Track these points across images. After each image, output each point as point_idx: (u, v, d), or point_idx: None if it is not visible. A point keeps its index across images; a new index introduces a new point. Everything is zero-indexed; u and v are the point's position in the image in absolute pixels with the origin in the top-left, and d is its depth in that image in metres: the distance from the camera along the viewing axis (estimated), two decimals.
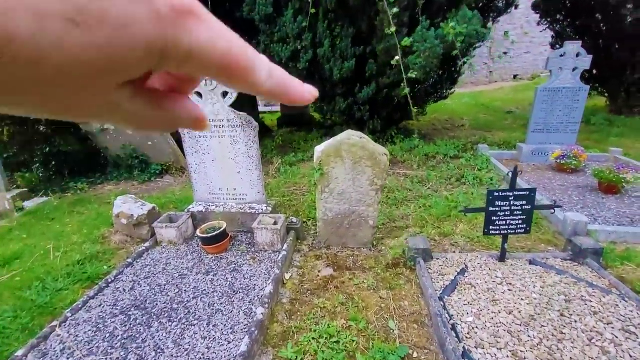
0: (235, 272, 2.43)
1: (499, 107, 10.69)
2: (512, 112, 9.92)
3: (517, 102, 11.06)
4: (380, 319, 2.06)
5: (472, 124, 8.80)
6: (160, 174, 4.70)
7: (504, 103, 11.13)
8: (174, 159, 4.69)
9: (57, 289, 2.33)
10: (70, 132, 4.82)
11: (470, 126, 8.54)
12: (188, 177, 4.71)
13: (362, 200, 2.61)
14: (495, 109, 10.43)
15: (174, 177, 4.75)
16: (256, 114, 9.58)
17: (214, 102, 2.67)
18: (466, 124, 8.77)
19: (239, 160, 2.84)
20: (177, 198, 3.75)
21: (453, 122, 8.96)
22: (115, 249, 2.86)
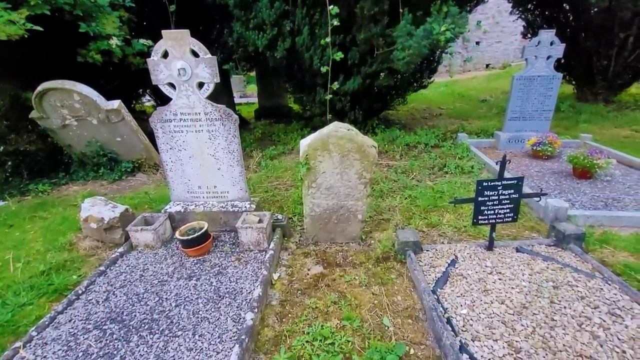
0: (220, 275, 2.29)
1: (474, 95, 10.92)
2: (487, 100, 10.15)
3: (490, 91, 11.34)
4: (374, 316, 2.01)
5: (449, 113, 8.94)
6: (131, 171, 4.40)
7: (478, 92, 11.38)
8: (147, 155, 4.41)
9: (19, 304, 2.10)
10: (27, 128, 4.40)
11: (447, 115, 8.66)
12: (162, 174, 4.45)
13: (350, 194, 2.53)
14: (470, 98, 10.64)
15: (147, 174, 4.47)
16: (232, 105, 9.26)
17: (188, 94, 2.46)
18: (443, 113, 8.89)
19: (219, 156, 2.66)
20: (151, 198, 3.52)
21: (431, 111, 9.05)
22: (85, 255, 2.63)
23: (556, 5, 7.76)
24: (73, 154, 4.27)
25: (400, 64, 4.49)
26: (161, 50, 2.35)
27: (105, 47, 3.77)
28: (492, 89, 11.73)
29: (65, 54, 3.86)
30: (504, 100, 9.93)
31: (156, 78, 2.41)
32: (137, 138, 4.14)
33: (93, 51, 3.77)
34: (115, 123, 3.90)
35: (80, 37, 3.72)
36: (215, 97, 2.52)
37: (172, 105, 2.51)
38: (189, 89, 2.44)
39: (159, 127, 2.57)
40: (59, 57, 3.97)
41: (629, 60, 7.14)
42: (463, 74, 15.55)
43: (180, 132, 2.59)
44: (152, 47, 4.34)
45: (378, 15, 4.41)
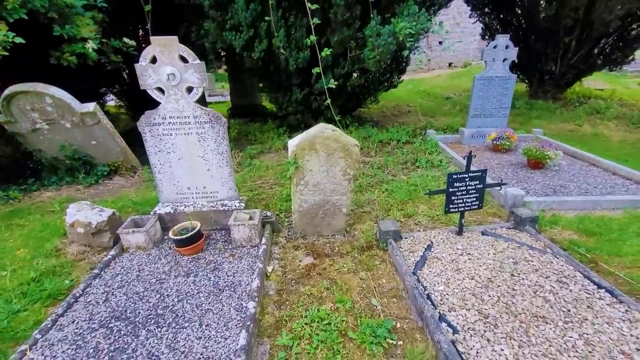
0: (216, 270, 2.41)
1: (439, 93, 11.55)
2: (451, 97, 10.80)
3: (453, 89, 12.05)
4: (364, 297, 2.23)
5: (417, 110, 9.42)
6: (108, 175, 4.32)
7: (442, 89, 12.05)
8: (123, 157, 4.34)
9: (12, 311, 2.09)
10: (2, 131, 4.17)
11: (415, 112, 9.13)
12: (141, 177, 4.41)
13: (335, 189, 2.73)
14: (435, 95, 11.25)
15: (124, 177, 4.40)
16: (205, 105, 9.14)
17: (177, 98, 2.54)
18: (412, 110, 9.36)
19: (208, 158, 2.76)
20: (135, 201, 3.51)
21: (400, 109, 9.50)
22: (74, 260, 2.63)
23: (510, 10, 8.43)
24: (44, 158, 4.11)
25: (371, 63, 4.76)
26: (149, 56, 2.40)
27: (80, 50, 3.68)
28: (455, 86, 12.45)
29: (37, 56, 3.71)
30: (466, 97, 10.62)
31: (144, 83, 2.46)
32: (113, 141, 4.08)
33: (67, 53, 3.66)
34: (90, 126, 3.82)
35: (52, 39, 3.60)
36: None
37: (161, 109, 2.57)
38: (178, 93, 2.52)
39: (147, 130, 2.62)
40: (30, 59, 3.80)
41: (572, 61, 7.96)
42: (427, 72, 16.31)
43: (169, 135, 2.65)
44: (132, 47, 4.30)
45: (350, 19, 4.63)
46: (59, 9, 3.50)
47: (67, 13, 3.60)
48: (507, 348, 1.73)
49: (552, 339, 1.78)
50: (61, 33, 3.55)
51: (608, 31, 7.26)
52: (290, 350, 1.83)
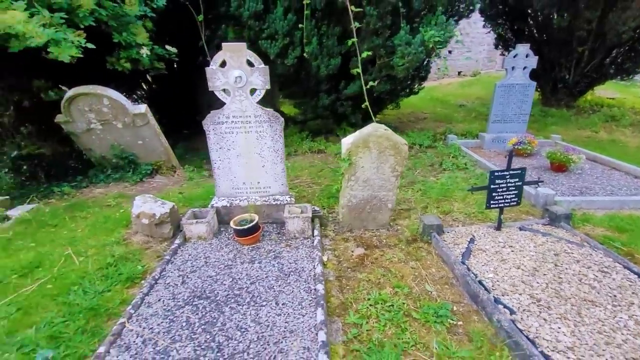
0: (277, 258, 2.59)
1: (451, 100, 11.79)
2: (464, 105, 11.02)
3: (465, 97, 12.29)
4: (418, 284, 2.40)
5: (432, 117, 9.64)
6: (150, 173, 4.54)
7: (454, 97, 12.29)
8: (165, 157, 4.56)
9: (98, 291, 2.28)
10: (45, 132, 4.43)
11: (431, 119, 9.36)
12: (180, 175, 4.63)
13: (383, 185, 2.93)
14: (448, 103, 11.48)
15: (165, 176, 4.62)
16: None
17: (241, 99, 2.76)
18: (427, 117, 9.59)
19: (264, 154, 2.96)
20: (184, 197, 3.72)
21: (416, 116, 9.73)
22: (140, 249, 2.82)
23: (523, 21, 8.70)
24: (93, 157, 4.34)
25: (400, 70, 5.00)
26: (220, 60, 2.63)
27: (134, 56, 3.94)
28: (467, 95, 12.69)
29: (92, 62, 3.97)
30: (479, 105, 10.85)
31: (213, 85, 2.69)
32: (158, 141, 4.31)
33: (123, 59, 3.93)
34: (140, 127, 4.06)
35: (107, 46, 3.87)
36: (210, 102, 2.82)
37: (226, 109, 2.79)
38: (242, 94, 2.74)
39: (211, 128, 2.84)
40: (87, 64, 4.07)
41: (586, 70, 8.18)
42: (438, 80, 16.60)
43: (231, 133, 2.87)
44: (174, 54, 4.57)
45: (381, 29, 4.89)
46: (117, 18, 3.77)
47: (124, 21, 3.87)
48: (564, 326, 1.90)
49: (604, 319, 1.94)
50: (119, 40, 3.82)
51: (620, 42, 7.49)
52: (361, 327, 2.00)
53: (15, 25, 2.62)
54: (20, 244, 2.80)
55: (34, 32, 2.72)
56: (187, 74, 7.33)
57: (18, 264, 2.52)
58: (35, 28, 2.70)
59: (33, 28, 2.67)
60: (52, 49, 3.06)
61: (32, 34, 2.73)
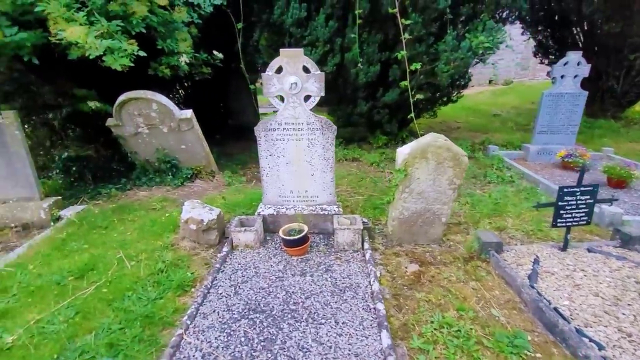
0: (329, 272, 2.49)
1: (484, 110, 11.41)
2: (498, 114, 10.64)
3: (499, 106, 11.87)
4: (483, 307, 2.22)
5: (465, 126, 9.35)
6: (190, 178, 4.58)
7: (487, 106, 11.90)
8: (205, 162, 4.60)
9: (151, 298, 2.25)
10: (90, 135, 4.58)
11: (465, 128, 9.07)
12: (219, 180, 4.64)
13: (438, 198, 2.77)
14: (481, 112, 11.12)
15: (205, 181, 4.65)
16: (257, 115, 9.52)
17: (295, 106, 2.70)
18: (461, 126, 9.30)
19: (314, 163, 2.89)
20: (227, 203, 3.70)
21: (448, 125, 9.46)
22: (188, 255, 2.80)
23: (567, 28, 8.31)
24: (137, 160, 4.43)
25: (444, 77, 4.84)
26: (276, 66, 2.59)
27: (174, 63, 4.01)
28: (500, 104, 12.26)
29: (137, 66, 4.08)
30: (515, 115, 10.44)
31: (267, 91, 2.65)
32: (200, 146, 4.34)
33: (164, 65, 4.00)
34: (184, 131, 4.10)
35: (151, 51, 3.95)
36: (242, 108, 2.76)
37: (279, 115, 2.74)
38: (296, 101, 2.68)
39: (262, 135, 2.80)
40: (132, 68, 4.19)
41: (637, 79, 7.67)
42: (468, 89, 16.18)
43: (282, 140, 2.81)
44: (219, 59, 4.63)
45: (425, 35, 4.76)
46: (165, 24, 3.85)
47: (171, 28, 3.94)
48: None
49: None
50: (163, 46, 3.89)
51: None
52: (429, 354, 1.85)
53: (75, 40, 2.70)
54: (74, 246, 2.84)
55: (92, 44, 2.79)
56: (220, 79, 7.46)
57: (74, 266, 2.55)
58: (93, 40, 2.77)
59: (92, 41, 2.74)
60: (107, 58, 3.13)
61: (90, 46, 2.80)
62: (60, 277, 2.42)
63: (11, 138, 3.16)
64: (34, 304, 2.18)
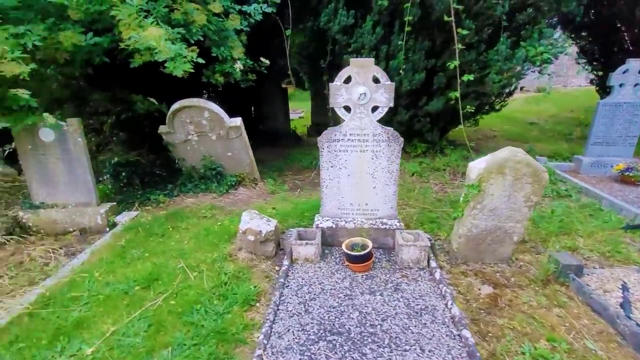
0: (398, 291, 2.37)
1: (519, 118, 11.00)
2: (536, 123, 10.24)
3: (535, 114, 11.43)
4: (576, 339, 2.04)
5: (502, 135, 9.02)
6: (234, 185, 4.56)
7: (522, 114, 11.47)
8: (249, 169, 4.58)
9: (219, 312, 2.19)
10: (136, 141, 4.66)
11: (502, 137, 8.75)
12: (262, 188, 4.61)
13: (511, 216, 2.60)
14: (516, 120, 10.72)
15: (248, 188, 4.62)
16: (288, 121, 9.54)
17: (361, 117, 2.62)
18: (497, 135, 8.99)
19: (377, 175, 2.79)
20: (278, 213, 3.64)
21: (484, 133, 9.15)
22: (247, 267, 2.74)
23: (615, 34, 7.90)
24: (184, 167, 4.46)
25: (495, 87, 4.65)
26: (345, 76, 2.52)
27: (228, 70, 4.02)
28: (536, 112, 11.83)
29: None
30: (554, 123, 10.03)
31: (335, 101, 2.58)
32: (246, 153, 4.33)
33: (217, 73, 4.02)
34: (232, 139, 4.10)
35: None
36: (274, 113, 2.66)
37: (344, 126, 2.67)
38: (363, 111, 2.60)
39: (325, 146, 2.72)
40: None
41: None
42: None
43: (345, 152, 2.73)
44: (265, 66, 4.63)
45: (476, 43, 4.60)
46: (219, 32, 3.87)
47: (223, 36, 3.97)
48: None
49: None
50: (217, 54, 3.91)
51: None
52: None
53: (150, 42, 2.72)
54: (135, 253, 2.84)
55: (164, 48, 2.81)
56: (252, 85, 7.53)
57: (138, 275, 2.53)
58: (165, 44, 2.79)
59: (165, 44, 2.76)
60: (169, 64, 3.16)
61: (162, 49, 2.82)
62: (127, 286, 2.41)
63: (74, 145, 3.22)
64: (107, 314, 2.16)
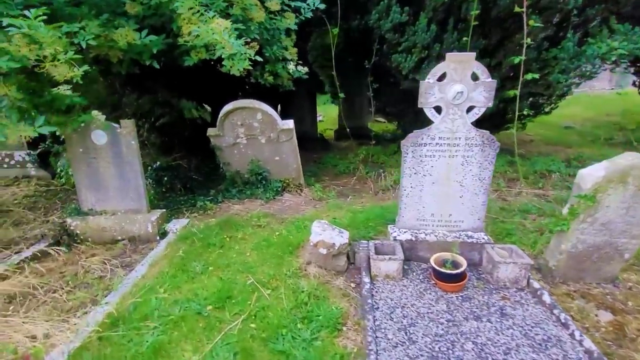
0: (506, 316, 2.07)
1: (552, 121, 10.52)
2: (571, 127, 9.86)
3: (567, 117, 10.98)
4: None
5: (538, 139, 8.67)
6: (279, 191, 4.33)
7: (554, 118, 10.95)
8: (295, 175, 4.34)
9: (306, 339, 1.93)
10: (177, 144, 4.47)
11: (539, 141, 8.41)
12: (307, 195, 4.36)
13: (627, 231, 2.29)
14: (549, 124, 10.29)
15: (292, 194, 4.38)
16: (315, 125, 9.33)
17: (454, 118, 2.35)
18: (533, 139, 8.64)
19: (465, 183, 2.51)
20: (338, 222, 3.37)
21: (519, 137, 8.75)
22: (320, 283, 2.47)
23: None
24: (228, 171, 4.25)
25: (559, 88, 4.34)
26: (439, 73, 2.26)
27: (279, 71, 3.80)
28: (569, 115, 11.39)
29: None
30: (592, 127, 9.63)
31: (425, 101, 2.32)
32: (294, 158, 4.09)
33: (267, 73, 3.81)
34: (282, 142, 3.87)
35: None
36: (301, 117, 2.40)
37: (433, 128, 2.40)
38: (457, 112, 2.33)
39: (410, 150, 2.46)
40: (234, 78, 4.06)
41: None
42: None
43: (432, 157, 2.46)
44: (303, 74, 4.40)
45: (539, 40, 4.30)
46: (271, 31, 3.66)
47: (275, 35, 3.75)
48: None
49: None
50: (270, 53, 3.69)
51: None
52: None
53: (214, 36, 2.51)
54: (196, 267, 2.61)
55: (226, 44, 2.59)
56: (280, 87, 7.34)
57: (207, 292, 2.29)
58: (229, 39, 2.57)
59: (227, 39, 2.55)
60: (226, 61, 2.94)
61: (224, 45, 2.61)
62: (199, 305, 2.17)
63: (127, 148, 3.02)
64: (184, 339, 1.92)
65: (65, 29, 2.39)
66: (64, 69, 2.16)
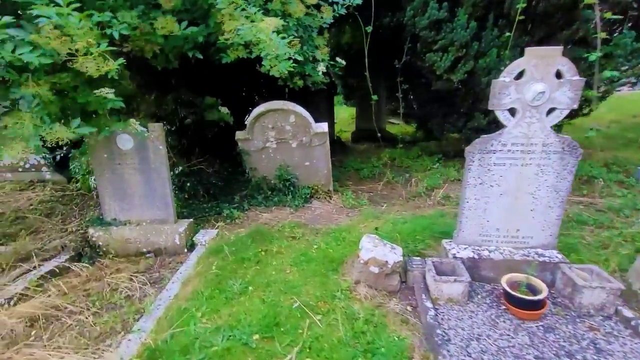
0: (603, 352, 1.78)
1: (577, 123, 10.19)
2: (598, 129, 9.46)
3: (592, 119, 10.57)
4: None
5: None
6: (308, 198, 4.07)
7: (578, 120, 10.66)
8: (325, 181, 4.08)
9: None
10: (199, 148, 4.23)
11: None
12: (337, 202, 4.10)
13: None
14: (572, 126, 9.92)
15: (321, 201, 4.12)
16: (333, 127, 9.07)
17: (531, 122, 2.07)
18: None
19: (539, 195, 2.22)
20: (382, 234, 3.09)
21: None
22: (372, 307, 2.20)
23: None
24: (254, 177, 4.00)
25: (612, 85, 4.04)
26: (518, 71, 1.98)
27: (309, 72, 3.55)
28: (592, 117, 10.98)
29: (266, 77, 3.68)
30: (621, 129, 9.24)
31: (498, 102, 2.04)
32: (325, 163, 3.84)
33: (297, 76, 3.55)
34: (314, 146, 3.62)
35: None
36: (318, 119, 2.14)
37: (505, 134, 2.12)
38: (535, 115, 2.05)
39: (477, 158, 2.18)
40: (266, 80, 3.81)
41: None
42: None
43: (502, 166, 2.18)
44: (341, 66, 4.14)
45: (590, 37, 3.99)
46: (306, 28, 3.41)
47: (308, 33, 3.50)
48: None
49: None
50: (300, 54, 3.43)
51: None
52: None
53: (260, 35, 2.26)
54: (233, 286, 2.35)
55: (273, 44, 2.34)
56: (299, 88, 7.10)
57: (250, 317, 2.03)
58: (276, 39, 2.32)
59: (275, 39, 2.30)
60: (266, 61, 2.69)
61: (270, 45, 2.36)
62: (244, 334, 1.90)
63: (154, 153, 2.79)
64: None
65: (96, 19, 2.15)
66: (99, 62, 1.91)
